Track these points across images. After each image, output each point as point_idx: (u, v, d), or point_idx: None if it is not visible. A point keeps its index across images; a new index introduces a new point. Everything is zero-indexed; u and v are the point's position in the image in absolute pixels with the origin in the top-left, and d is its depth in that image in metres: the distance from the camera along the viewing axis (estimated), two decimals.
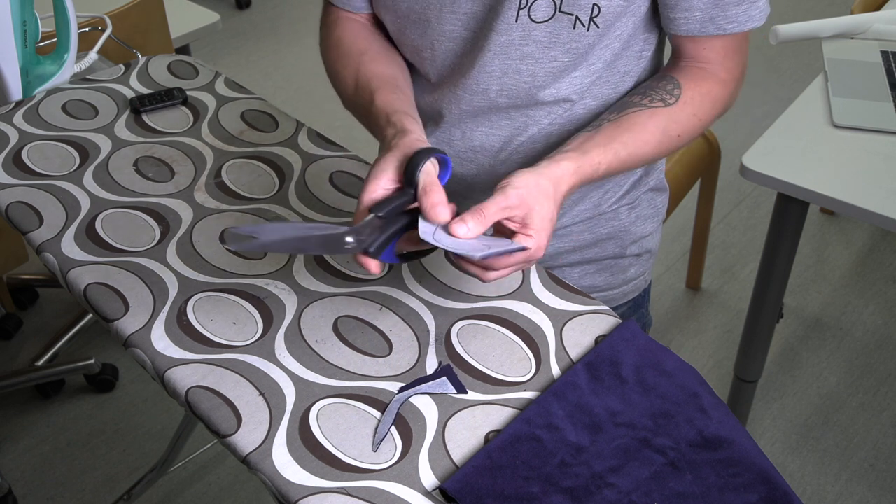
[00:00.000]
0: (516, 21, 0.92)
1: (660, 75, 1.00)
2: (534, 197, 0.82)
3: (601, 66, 0.97)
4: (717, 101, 0.98)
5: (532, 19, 0.91)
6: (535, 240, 0.81)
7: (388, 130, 0.90)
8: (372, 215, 0.81)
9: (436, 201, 0.79)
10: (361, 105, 0.99)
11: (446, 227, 0.80)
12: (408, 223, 0.82)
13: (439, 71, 1.02)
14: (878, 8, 2.02)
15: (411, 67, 1.06)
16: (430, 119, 1.07)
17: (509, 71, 0.96)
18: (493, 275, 0.83)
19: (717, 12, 0.92)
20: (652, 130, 0.93)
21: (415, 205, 0.82)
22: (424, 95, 1.05)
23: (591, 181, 0.91)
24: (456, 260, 0.84)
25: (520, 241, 0.81)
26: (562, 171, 0.86)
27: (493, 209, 0.80)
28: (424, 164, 0.81)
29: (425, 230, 0.80)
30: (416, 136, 0.87)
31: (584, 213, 1.10)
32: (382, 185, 0.83)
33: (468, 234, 0.79)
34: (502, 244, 0.81)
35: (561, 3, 0.90)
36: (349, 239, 0.79)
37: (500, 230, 0.85)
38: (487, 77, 0.97)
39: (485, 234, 0.82)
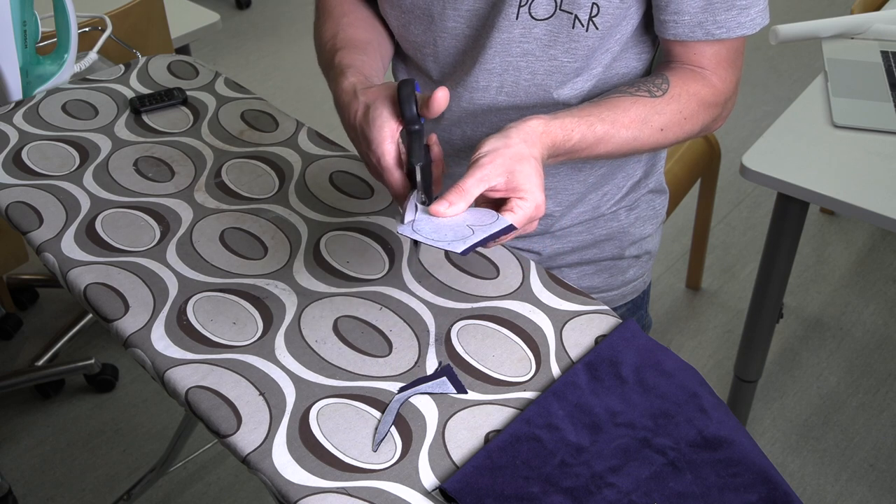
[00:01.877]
0: (517, 18, 0.92)
1: (651, 73, 1.00)
2: (510, 160, 0.80)
3: (601, 70, 0.97)
4: (706, 105, 0.95)
5: (532, 17, 0.92)
6: (529, 199, 0.79)
7: (343, 82, 0.91)
8: (417, 168, 0.81)
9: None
10: (325, 61, 0.99)
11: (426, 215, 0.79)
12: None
13: (441, 68, 1.02)
14: (878, 8, 2.02)
15: (413, 66, 1.06)
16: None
17: (509, 68, 0.96)
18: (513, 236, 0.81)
19: (706, 17, 0.91)
20: (632, 116, 0.91)
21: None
22: (426, 93, 1.05)
23: (564, 150, 0.87)
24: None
25: (513, 207, 0.79)
26: (530, 128, 0.84)
27: (471, 182, 0.79)
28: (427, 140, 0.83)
29: (404, 224, 0.79)
30: (373, 84, 0.89)
31: (582, 214, 1.10)
32: (392, 140, 0.83)
33: (450, 212, 0.77)
34: (485, 220, 0.79)
35: (561, 2, 0.90)
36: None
37: (489, 204, 0.82)
38: (488, 74, 0.97)
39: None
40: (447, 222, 0.79)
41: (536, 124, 0.84)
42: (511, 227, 0.79)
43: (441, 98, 0.82)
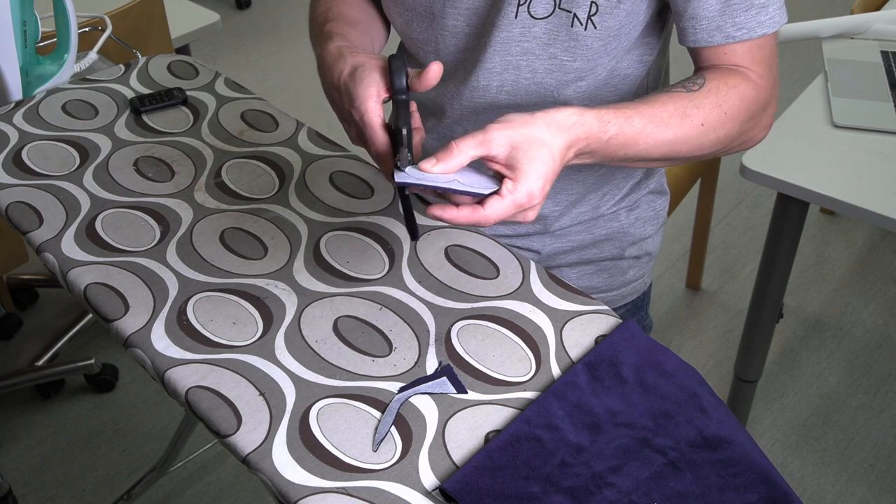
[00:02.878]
0: (516, 17, 0.92)
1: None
2: (520, 135, 0.76)
3: (604, 72, 0.97)
4: (747, 99, 0.90)
5: (532, 16, 0.92)
6: (522, 183, 0.76)
7: (329, 45, 0.91)
8: (403, 130, 0.80)
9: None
10: (315, 33, 0.99)
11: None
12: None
13: (444, 66, 1.02)
14: (878, 8, 2.02)
15: (416, 64, 1.06)
16: (433, 114, 1.07)
17: (509, 67, 0.96)
18: (492, 217, 0.77)
19: (724, 20, 0.89)
20: (671, 110, 0.86)
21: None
22: (428, 90, 1.06)
23: (600, 146, 0.82)
24: (440, 212, 0.78)
25: (503, 190, 0.76)
26: (561, 116, 0.79)
27: (468, 143, 0.76)
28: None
29: (399, 176, 0.78)
30: (361, 52, 0.88)
31: (582, 215, 1.10)
32: (377, 100, 0.83)
33: (436, 169, 0.75)
34: (481, 183, 0.77)
35: (560, 0, 0.90)
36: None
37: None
38: (488, 73, 0.97)
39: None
40: (435, 179, 0.77)
41: (568, 114, 0.79)
42: (496, 192, 0.76)
43: (434, 71, 0.80)
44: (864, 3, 2.01)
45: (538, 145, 0.77)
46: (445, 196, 0.80)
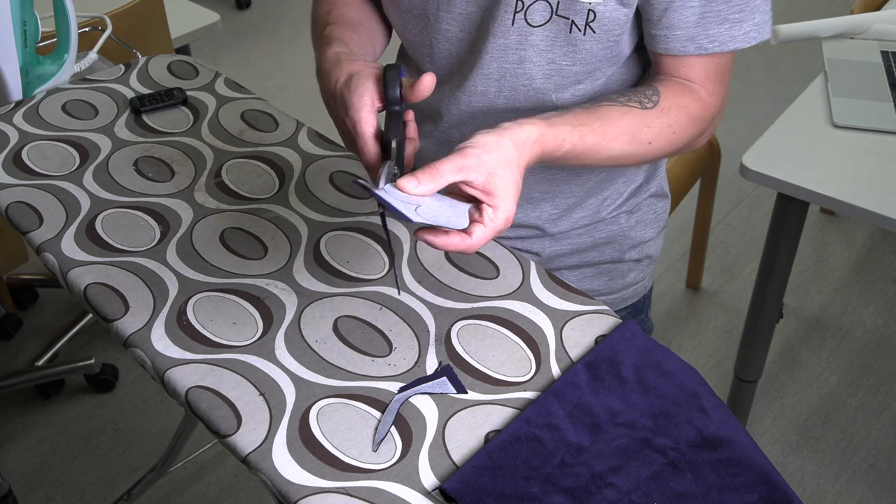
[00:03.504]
0: (513, 25, 0.92)
1: (641, 84, 0.99)
2: (494, 160, 0.78)
3: (603, 79, 0.97)
4: (695, 119, 0.94)
5: (529, 23, 0.91)
6: (501, 209, 0.78)
7: (328, 50, 0.91)
8: (393, 143, 0.80)
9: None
10: (316, 35, 0.99)
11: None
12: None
13: (438, 70, 1.02)
14: (878, 8, 2.02)
15: (414, 66, 1.06)
16: (430, 118, 1.07)
17: (507, 74, 0.96)
18: (477, 245, 0.78)
19: (698, 31, 0.90)
20: (623, 128, 0.90)
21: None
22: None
23: (553, 159, 0.87)
24: (431, 238, 0.78)
25: (484, 218, 0.77)
26: (525, 135, 0.82)
27: (449, 167, 0.77)
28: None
29: (380, 189, 0.77)
30: (359, 59, 0.89)
31: (582, 219, 1.10)
32: (371, 110, 0.83)
33: (417, 191, 0.76)
34: (454, 212, 0.78)
35: (557, 7, 0.90)
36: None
37: (460, 195, 0.81)
38: (485, 79, 0.97)
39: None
40: (413, 199, 0.77)
41: (532, 131, 0.83)
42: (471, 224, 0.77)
43: (427, 83, 0.81)
44: (864, 3, 2.01)
45: (509, 167, 0.79)
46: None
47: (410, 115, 0.86)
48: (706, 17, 0.89)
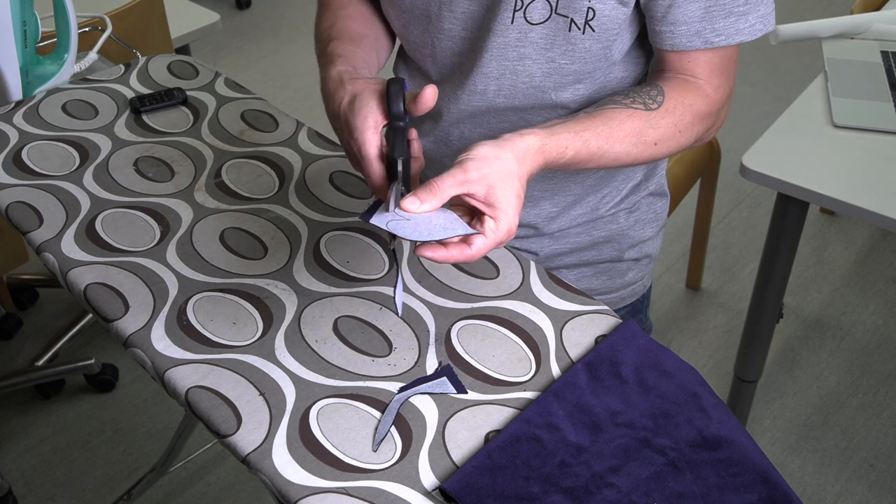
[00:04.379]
0: (512, 23, 0.92)
1: (644, 82, 0.99)
2: (495, 173, 0.78)
3: (602, 77, 0.97)
4: (700, 116, 0.94)
5: (528, 21, 0.91)
6: (502, 221, 0.77)
7: (332, 70, 0.91)
8: (399, 162, 0.80)
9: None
10: (319, 50, 0.99)
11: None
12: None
13: (440, 69, 1.02)
14: (878, 8, 2.02)
15: (414, 67, 1.06)
16: (430, 118, 1.07)
17: (506, 72, 0.96)
18: (478, 256, 0.79)
19: (703, 25, 0.90)
20: (627, 130, 0.89)
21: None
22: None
23: (557, 166, 0.86)
24: (431, 254, 0.79)
25: (486, 229, 0.78)
26: (526, 146, 0.82)
27: (449, 182, 0.77)
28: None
29: (380, 219, 0.78)
30: (361, 77, 0.88)
31: (581, 217, 1.10)
32: (375, 131, 0.83)
33: (420, 209, 0.76)
34: (457, 226, 0.78)
35: (556, 6, 0.90)
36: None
37: (461, 206, 0.81)
38: (485, 78, 0.97)
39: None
40: (420, 217, 0.78)
41: (533, 141, 0.82)
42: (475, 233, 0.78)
43: (429, 96, 0.81)
44: (864, 3, 2.01)
45: (510, 178, 0.79)
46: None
47: (414, 134, 0.86)
48: (711, 10, 0.89)
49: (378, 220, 0.78)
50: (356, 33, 1.00)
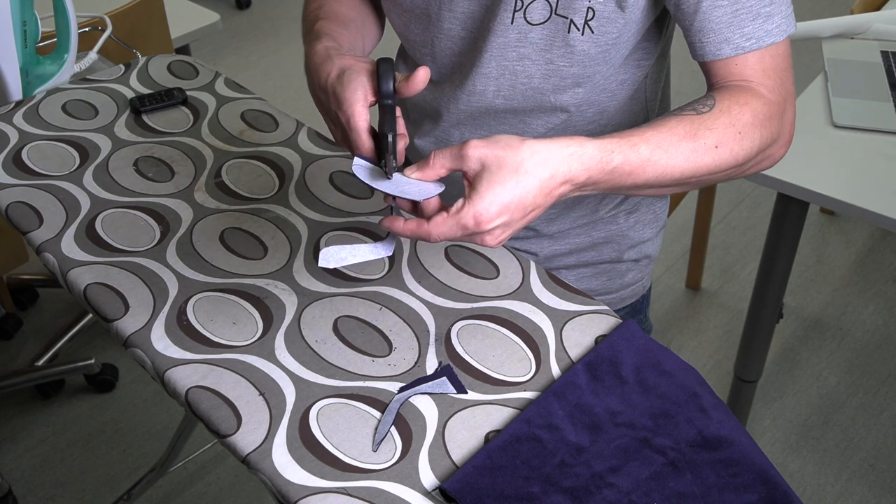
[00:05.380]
0: (512, 23, 0.92)
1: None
2: (496, 157, 0.74)
3: (602, 80, 0.97)
4: (760, 118, 0.86)
5: (528, 21, 0.91)
6: (470, 205, 0.74)
7: (317, 45, 0.91)
8: (389, 136, 0.80)
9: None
10: (305, 30, 0.99)
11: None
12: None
13: (440, 69, 1.02)
14: (878, 8, 2.02)
15: (414, 66, 1.06)
16: (429, 118, 1.07)
17: (506, 72, 0.96)
18: (434, 233, 0.76)
19: (732, 32, 0.87)
20: (680, 133, 0.82)
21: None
22: (425, 93, 1.05)
23: (604, 175, 0.79)
24: (392, 225, 0.79)
25: (456, 204, 0.75)
26: (556, 147, 0.76)
27: (444, 154, 0.76)
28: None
29: (381, 184, 0.79)
30: (349, 54, 0.88)
31: (580, 218, 1.10)
32: (364, 104, 0.83)
33: (412, 176, 0.78)
34: (431, 189, 0.78)
35: (556, 6, 0.90)
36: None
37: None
38: (485, 78, 0.97)
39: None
40: (404, 179, 0.79)
41: (564, 145, 0.77)
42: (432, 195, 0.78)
43: (422, 76, 0.81)
44: (864, 3, 2.01)
45: (510, 171, 0.74)
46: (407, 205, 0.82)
47: (399, 112, 0.86)
48: (738, 14, 0.86)
49: (364, 176, 0.80)
50: (344, 16, 1.00)
